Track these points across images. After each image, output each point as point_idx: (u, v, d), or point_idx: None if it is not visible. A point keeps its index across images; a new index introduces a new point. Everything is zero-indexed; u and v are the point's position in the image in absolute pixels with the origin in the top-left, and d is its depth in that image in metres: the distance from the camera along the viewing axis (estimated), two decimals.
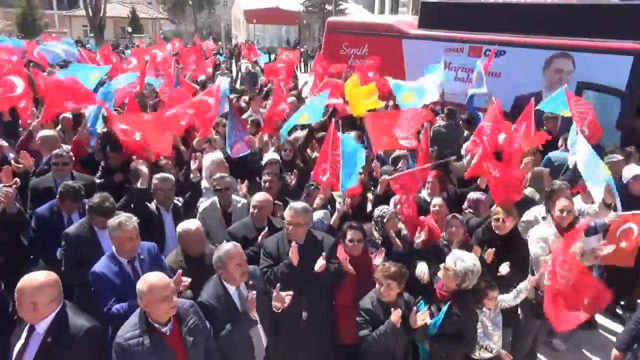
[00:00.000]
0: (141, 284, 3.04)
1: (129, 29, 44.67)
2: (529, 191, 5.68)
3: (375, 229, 4.77)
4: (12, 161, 5.54)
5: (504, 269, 4.25)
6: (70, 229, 4.33)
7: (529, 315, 4.73)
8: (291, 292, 3.72)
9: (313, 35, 48.74)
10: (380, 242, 4.66)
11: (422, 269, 4.34)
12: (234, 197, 5.22)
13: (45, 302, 2.95)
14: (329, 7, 44.23)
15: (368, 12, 44.17)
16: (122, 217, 3.77)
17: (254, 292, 3.59)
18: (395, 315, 3.64)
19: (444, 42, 10.29)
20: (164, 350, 3.06)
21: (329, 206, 5.22)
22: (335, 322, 4.24)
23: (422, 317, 3.69)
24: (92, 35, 40.33)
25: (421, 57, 10.15)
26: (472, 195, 5.49)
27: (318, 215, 4.87)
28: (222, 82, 8.67)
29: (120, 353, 3.02)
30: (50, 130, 6.40)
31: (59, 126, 7.34)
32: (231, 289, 3.65)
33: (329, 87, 8.66)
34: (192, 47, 16.03)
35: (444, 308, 3.80)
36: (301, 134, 7.36)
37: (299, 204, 4.25)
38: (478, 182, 5.57)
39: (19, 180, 4.81)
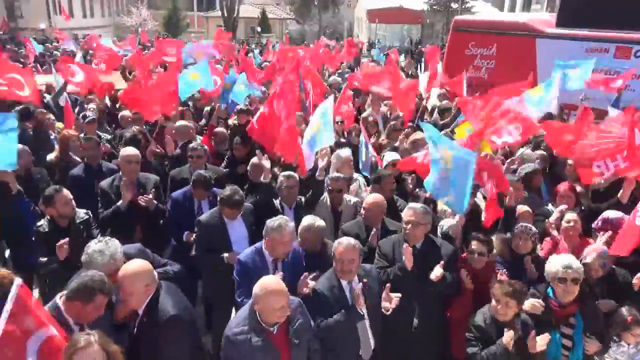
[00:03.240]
0: (259, 288, 3.09)
1: (258, 29, 47.32)
2: None
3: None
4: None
5: None
6: (203, 217, 4.67)
7: None
8: (399, 295, 3.64)
9: (436, 35, 47.44)
10: (510, 261, 4.31)
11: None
12: (345, 196, 5.23)
13: (143, 287, 3.14)
14: (454, 6, 42.68)
15: (497, 10, 41.87)
16: (281, 219, 3.87)
17: (361, 284, 3.59)
18: (507, 336, 3.38)
19: (586, 41, 9.37)
20: (270, 349, 3.13)
21: None
22: (448, 334, 4.09)
23: (544, 341, 3.39)
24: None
25: (557, 58, 9.34)
26: (610, 214, 4.57)
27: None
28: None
29: (229, 345, 3.17)
30: (184, 121, 7.07)
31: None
32: (344, 282, 3.70)
33: None
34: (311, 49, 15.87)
35: (578, 322, 3.54)
36: (420, 135, 7.16)
37: (418, 204, 4.18)
38: (619, 195, 4.86)
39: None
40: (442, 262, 3.84)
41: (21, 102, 7.70)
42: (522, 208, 4.85)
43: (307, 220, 4.22)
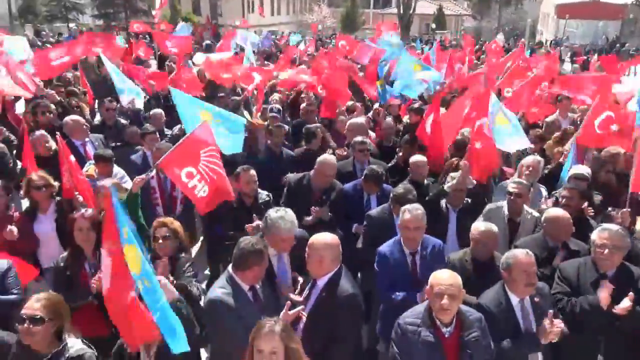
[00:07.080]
0: (433, 278, 3.13)
1: (433, 25, 46.43)
2: None
3: None
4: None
5: None
6: (373, 212, 4.79)
7: None
8: (563, 326, 3.28)
9: (638, 32, 41.12)
10: None
11: None
12: (526, 207, 4.87)
13: (330, 259, 3.35)
14: None
15: None
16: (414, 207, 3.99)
17: (560, 326, 3.27)
18: None
19: None
20: (437, 350, 3.07)
21: None
22: None
23: None
24: (398, 31, 43.61)
25: None
26: None
27: None
28: None
29: (399, 333, 3.22)
30: (361, 118, 7.20)
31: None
32: (514, 300, 3.46)
33: None
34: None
35: None
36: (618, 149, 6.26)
37: (614, 226, 3.72)
38: None
39: None
40: (631, 294, 3.36)
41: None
42: None
43: (485, 224, 4.05)
